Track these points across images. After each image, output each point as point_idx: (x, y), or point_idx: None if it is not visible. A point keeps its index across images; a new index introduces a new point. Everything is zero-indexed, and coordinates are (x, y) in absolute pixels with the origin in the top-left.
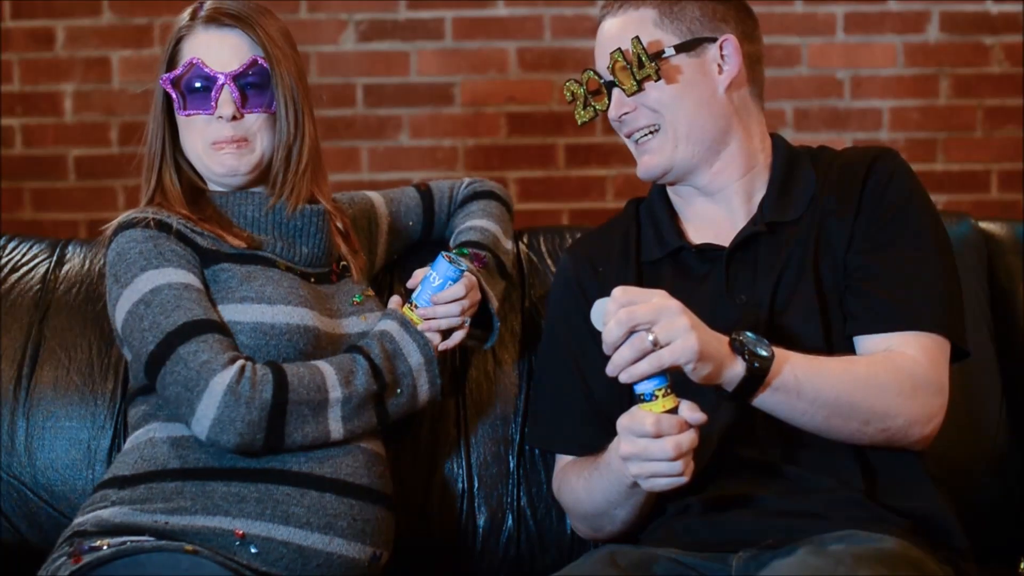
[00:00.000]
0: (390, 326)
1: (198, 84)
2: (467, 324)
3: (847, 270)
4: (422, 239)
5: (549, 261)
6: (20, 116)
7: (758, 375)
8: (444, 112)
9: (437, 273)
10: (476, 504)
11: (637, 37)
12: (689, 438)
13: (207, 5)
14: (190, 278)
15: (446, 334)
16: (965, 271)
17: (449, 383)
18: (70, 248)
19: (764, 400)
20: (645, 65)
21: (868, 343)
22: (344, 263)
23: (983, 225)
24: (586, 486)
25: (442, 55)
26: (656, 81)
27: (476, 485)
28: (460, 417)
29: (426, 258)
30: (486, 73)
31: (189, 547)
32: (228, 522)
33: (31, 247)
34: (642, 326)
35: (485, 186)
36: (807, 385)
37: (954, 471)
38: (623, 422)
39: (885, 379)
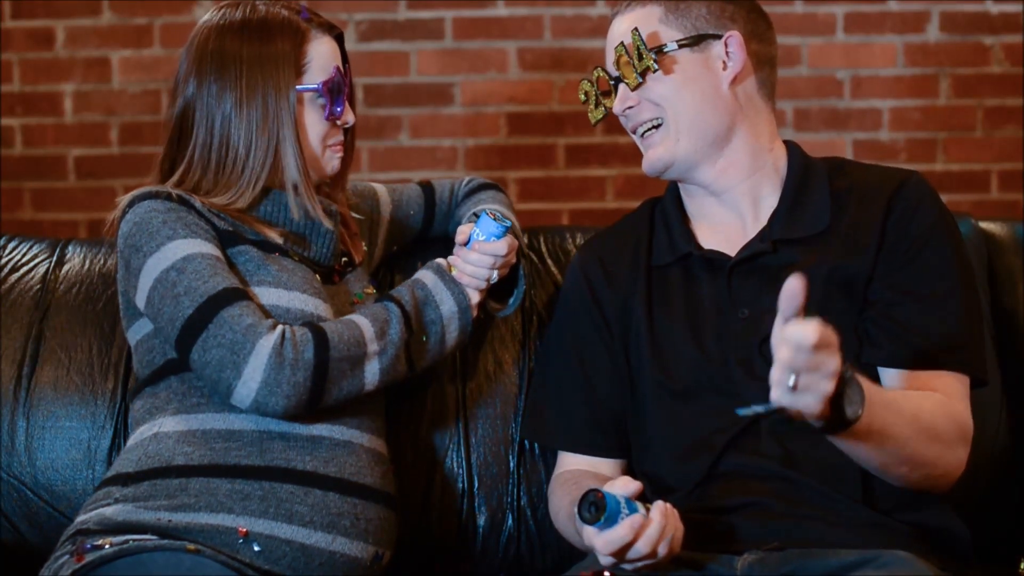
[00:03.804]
0: (425, 275)
1: (338, 90)
2: (492, 280)
3: (868, 301)
4: (422, 232)
5: (549, 261)
6: (20, 116)
7: (841, 427)
8: (444, 112)
9: (481, 230)
10: (476, 504)
11: (636, 29)
12: (656, 529)
13: (308, 12)
14: (218, 253)
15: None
16: None
17: (450, 381)
18: (70, 248)
19: (835, 440)
20: (644, 56)
21: (892, 376)
22: (346, 259)
23: (983, 225)
24: (564, 526)
25: (442, 55)
26: (655, 72)
27: (476, 485)
28: (460, 417)
29: (430, 257)
30: (486, 73)
31: (191, 546)
32: (232, 520)
33: (31, 247)
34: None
35: (487, 182)
36: (877, 437)
37: None
38: (597, 545)
39: (942, 430)
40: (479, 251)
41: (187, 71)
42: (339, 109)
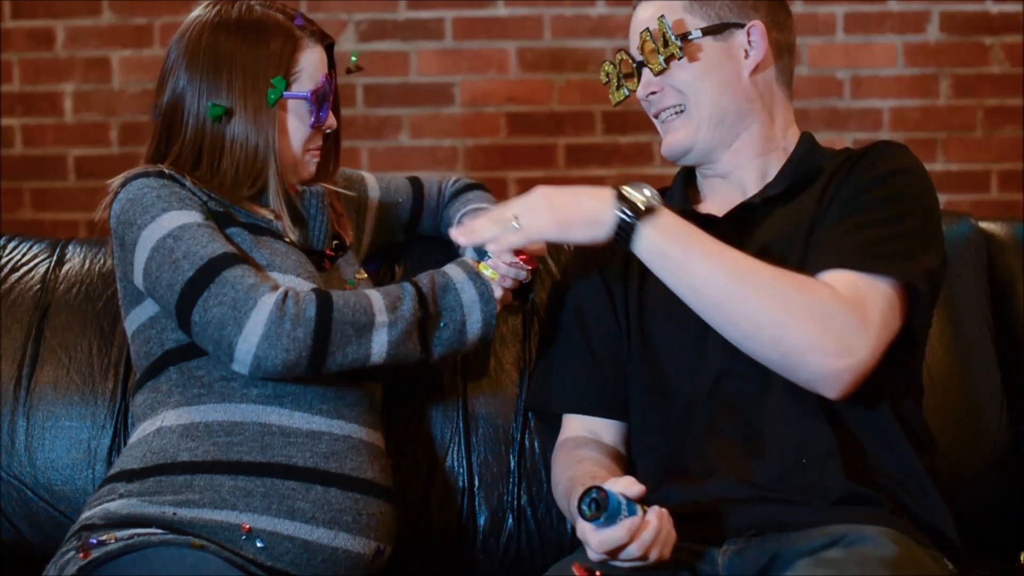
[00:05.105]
0: (448, 266)
1: (325, 98)
2: (525, 279)
3: (817, 230)
4: (410, 223)
5: (549, 261)
6: (20, 116)
7: (631, 223)
8: (444, 112)
9: None
10: (476, 503)
11: (662, 16)
12: (651, 534)
13: (302, 19)
14: (214, 225)
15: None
16: (965, 271)
17: (450, 380)
18: (70, 248)
19: (648, 256)
20: (669, 43)
21: None
22: (337, 242)
23: (983, 225)
24: (560, 500)
25: (442, 55)
26: (679, 59)
27: (476, 484)
28: (460, 417)
29: (429, 255)
30: (486, 73)
31: (196, 542)
32: (235, 516)
33: (31, 247)
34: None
35: (473, 182)
36: (696, 255)
37: (954, 470)
38: (591, 542)
39: (790, 294)
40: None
41: (176, 64)
42: (324, 115)
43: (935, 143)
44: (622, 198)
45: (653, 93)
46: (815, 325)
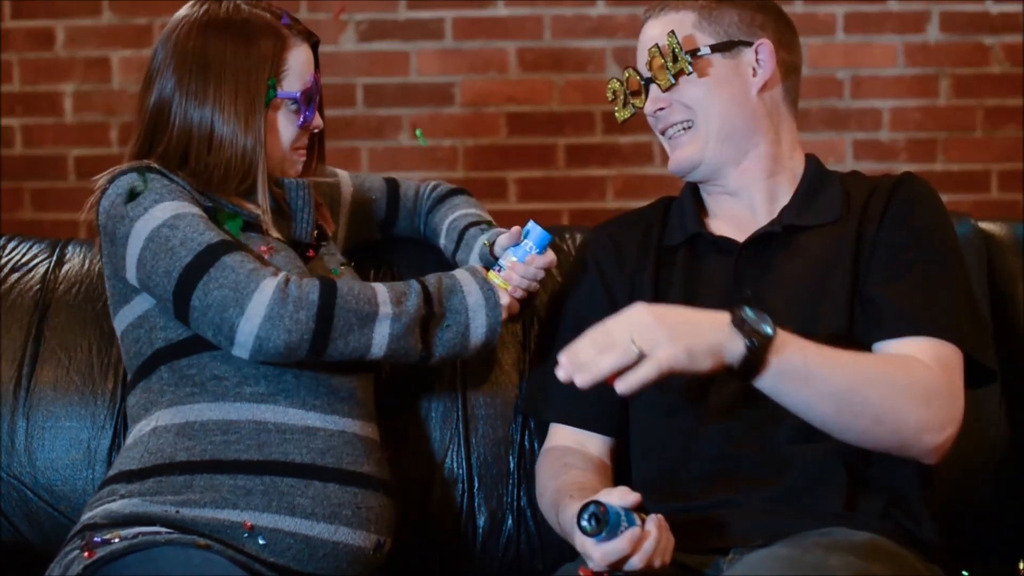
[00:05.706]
0: (457, 271)
1: (312, 98)
2: (535, 290)
3: (867, 278)
4: (386, 223)
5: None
6: (20, 116)
7: (758, 353)
8: (444, 112)
9: (535, 243)
10: (476, 504)
11: (672, 31)
12: (653, 543)
13: (288, 17)
14: (207, 216)
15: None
16: None
17: (450, 381)
18: (70, 248)
19: (771, 383)
20: (679, 59)
21: (882, 348)
22: (317, 231)
23: (983, 225)
24: (547, 510)
25: (442, 55)
26: (689, 75)
27: (476, 485)
28: (460, 418)
29: (421, 255)
30: (486, 73)
31: (201, 542)
32: (236, 515)
33: (31, 247)
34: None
35: (455, 187)
36: (816, 371)
37: (954, 471)
38: (594, 556)
39: (900, 381)
40: (536, 265)
41: (163, 65)
42: (310, 115)
43: (935, 143)
44: (743, 325)
45: (661, 109)
46: (924, 405)
